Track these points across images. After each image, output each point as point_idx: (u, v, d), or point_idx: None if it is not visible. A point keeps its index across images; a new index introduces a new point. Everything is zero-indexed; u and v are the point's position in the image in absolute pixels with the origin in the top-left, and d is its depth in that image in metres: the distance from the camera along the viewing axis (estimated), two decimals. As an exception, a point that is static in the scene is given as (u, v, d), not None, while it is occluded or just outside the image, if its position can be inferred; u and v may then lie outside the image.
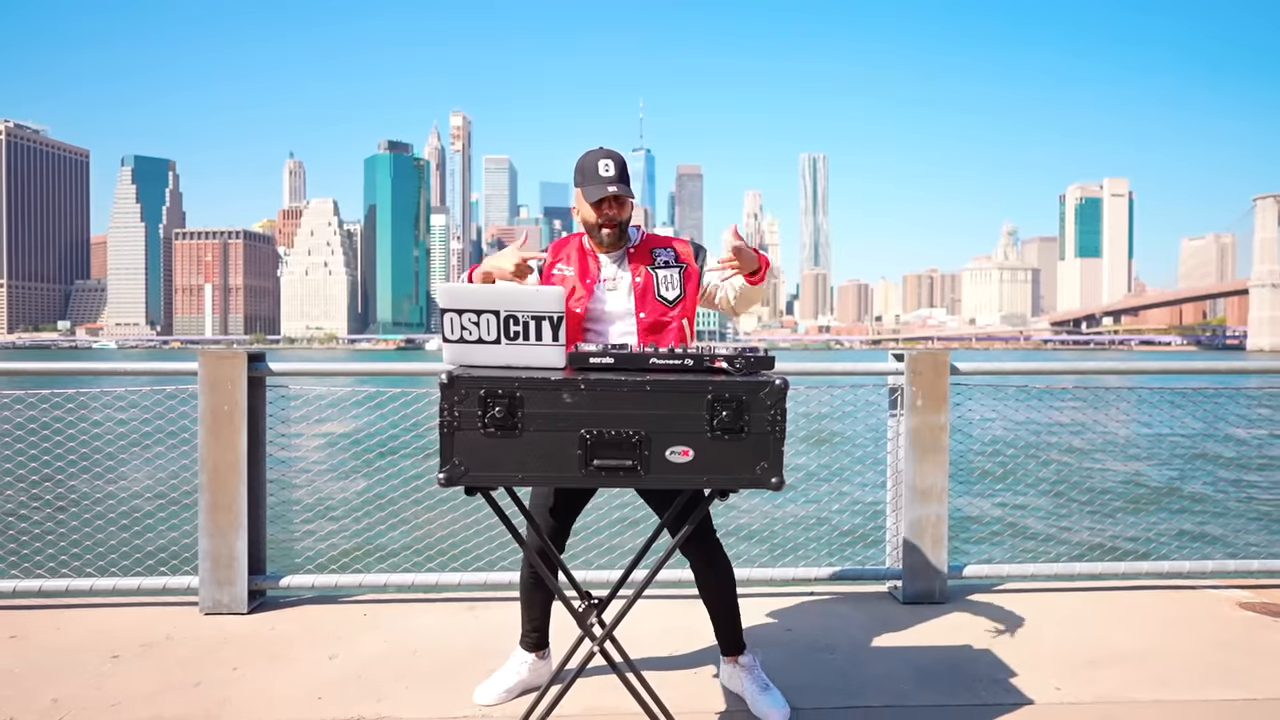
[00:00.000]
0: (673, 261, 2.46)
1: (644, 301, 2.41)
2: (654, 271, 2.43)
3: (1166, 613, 3.40)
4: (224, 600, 3.36)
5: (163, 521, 3.88)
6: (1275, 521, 7.20)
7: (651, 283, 2.42)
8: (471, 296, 1.93)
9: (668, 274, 2.44)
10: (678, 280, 2.44)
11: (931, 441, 3.52)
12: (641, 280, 2.42)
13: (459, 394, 1.80)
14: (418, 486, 3.70)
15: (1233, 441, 9.69)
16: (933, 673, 2.78)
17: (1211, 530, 6.42)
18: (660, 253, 2.47)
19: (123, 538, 3.71)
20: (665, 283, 2.43)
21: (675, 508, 2.14)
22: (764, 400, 1.83)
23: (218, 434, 3.36)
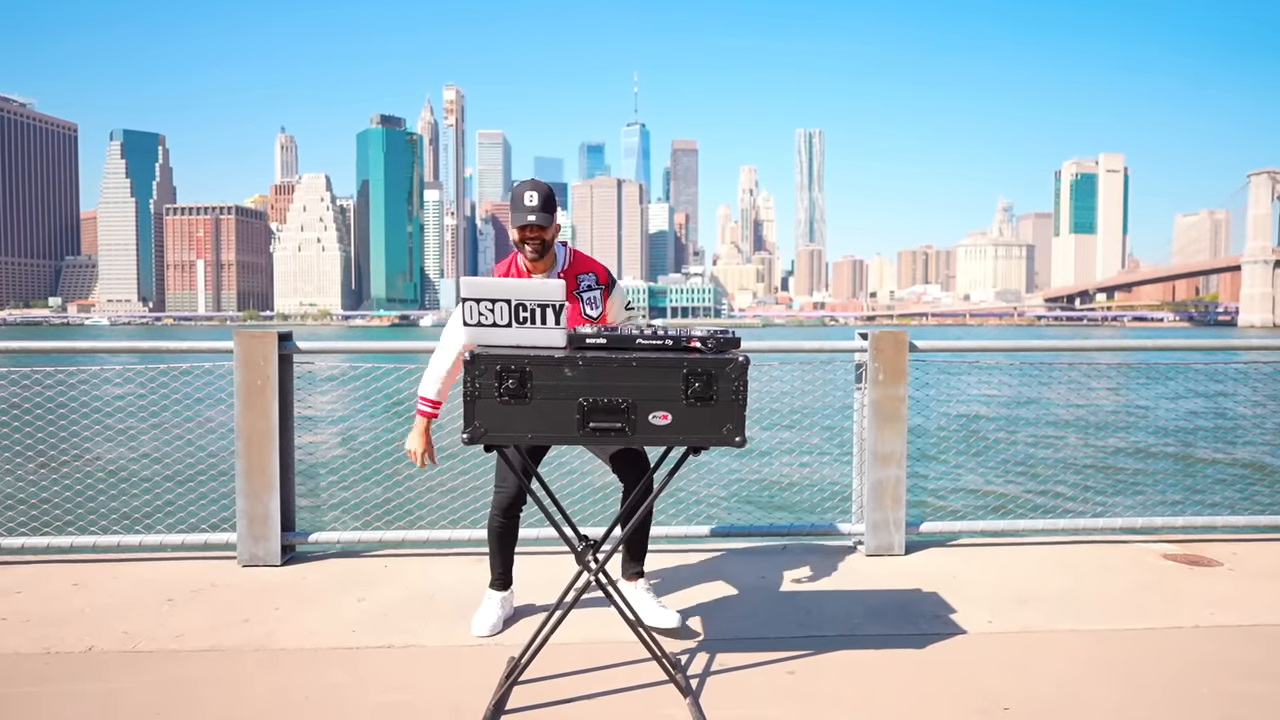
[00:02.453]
0: (594, 284, 2.92)
1: (575, 321, 2.83)
2: (579, 295, 2.89)
3: (1095, 562, 3.84)
4: (259, 554, 3.77)
5: (202, 484, 4.28)
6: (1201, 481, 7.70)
7: (578, 306, 2.88)
8: (488, 288, 2.32)
9: (591, 295, 2.91)
10: (599, 300, 2.92)
11: (891, 411, 3.93)
12: (570, 307, 2.84)
13: (479, 368, 2.19)
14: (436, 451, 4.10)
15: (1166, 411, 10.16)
16: (882, 611, 3.21)
17: (1152, 490, 6.90)
18: (584, 278, 2.91)
19: (168, 499, 4.11)
20: (589, 303, 2.90)
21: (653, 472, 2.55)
22: (729, 374, 2.23)
23: (252, 406, 3.75)
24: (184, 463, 4.14)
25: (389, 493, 4.06)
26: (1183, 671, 2.67)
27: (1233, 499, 6.13)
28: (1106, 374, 4.49)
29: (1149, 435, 10.88)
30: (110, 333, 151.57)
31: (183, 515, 4.14)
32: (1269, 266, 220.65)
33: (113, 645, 2.86)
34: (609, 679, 2.59)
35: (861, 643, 2.89)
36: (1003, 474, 5.21)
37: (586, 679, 2.59)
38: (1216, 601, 3.31)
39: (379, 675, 2.65)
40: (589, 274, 2.93)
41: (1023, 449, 7.33)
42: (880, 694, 2.52)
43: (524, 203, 2.77)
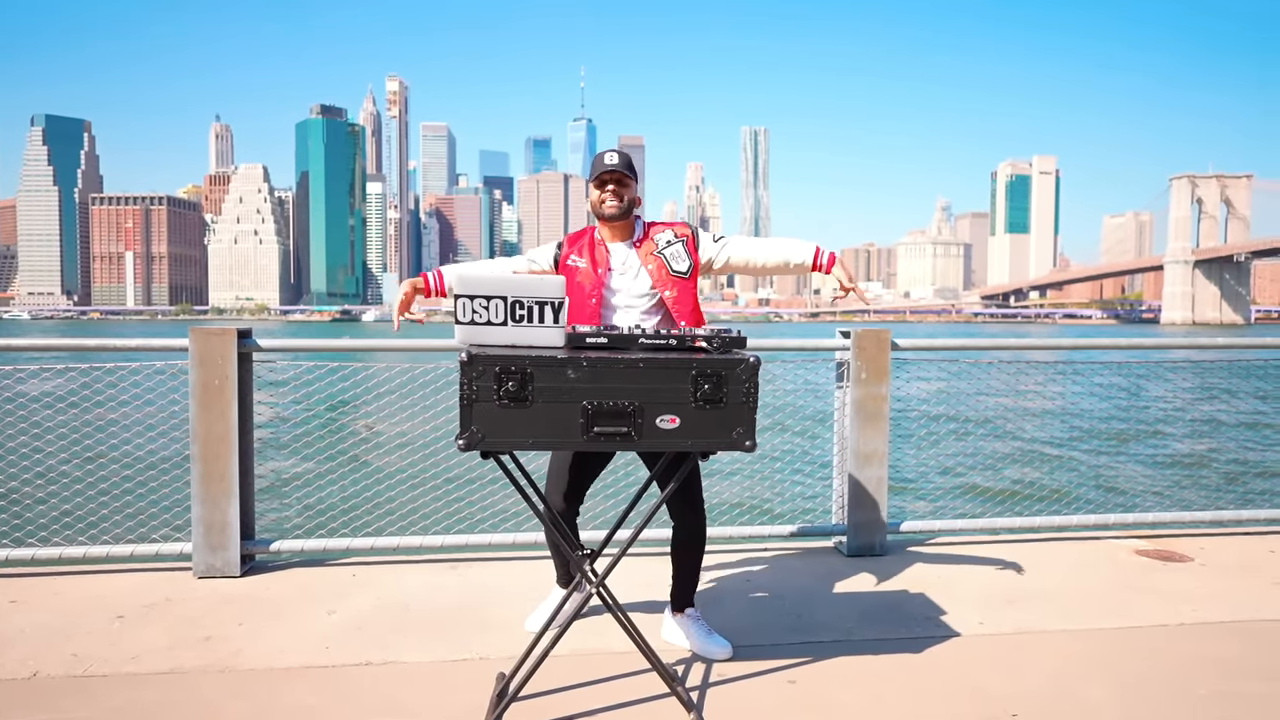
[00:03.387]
0: (673, 239, 2.79)
1: (663, 281, 2.73)
2: (661, 254, 2.76)
3: (1073, 560, 3.87)
4: (217, 564, 3.55)
5: (152, 491, 4.02)
6: (1169, 478, 7.95)
7: (664, 264, 2.75)
8: (483, 284, 2.18)
9: (673, 249, 2.77)
10: (684, 253, 2.77)
11: (874, 410, 3.89)
12: (654, 266, 2.74)
13: (477, 370, 2.05)
14: (404, 455, 3.92)
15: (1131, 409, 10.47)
16: (873, 613, 3.16)
17: (1117, 487, 7.07)
18: (660, 236, 2.79)
19: (114, 506, 3.85)
20: (674, 258, 2.76)
21: (660, 466, 2.43)
22: (740, 375, 2.14)
23: (209, 407, 3.52)
24: (132, 468, 3.87)
25: (355, 498, 3.87)
26: (1178, 671, 2.68)
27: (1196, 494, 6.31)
28: (1066, 371, 4.53)
29: (1111, 432, 11.15)
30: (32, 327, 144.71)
31: (131, 525, 3.88)
32: (1189, 266, 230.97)
33: (61, 670, 2.63)
34: (607, 694, 2.47)
35: (858, 648, 2.84)
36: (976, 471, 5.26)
37: (583, 695, 2.47)
38: (1195, 598, 3.35)
39: (360, 696, 2.48)
40: (665, 231, 2.80)
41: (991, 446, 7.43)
42: (885, 703, 2.46)
43: (604, 160, 2.70)
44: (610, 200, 2.70)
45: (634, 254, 2.75)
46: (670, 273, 2.73)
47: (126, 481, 3.93)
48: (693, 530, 2.77)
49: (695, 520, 2.75)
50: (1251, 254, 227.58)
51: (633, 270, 2.74)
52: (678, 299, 2.72)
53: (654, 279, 2.72)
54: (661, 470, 2.49)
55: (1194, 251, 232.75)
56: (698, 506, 2.75)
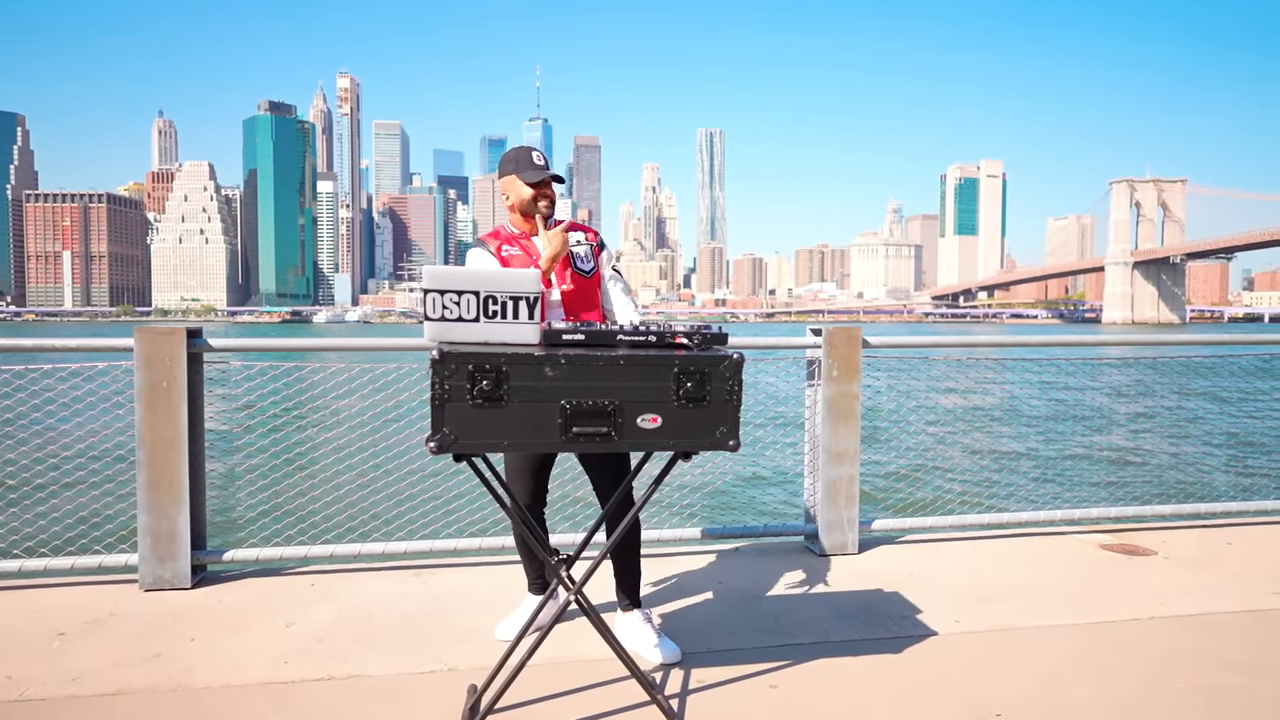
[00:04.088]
0: (584, 241, 2.82)
1: (563, 275, 2.73)
2: (571, 249, 2.77)
3: (1041, 555, 3.89)
4: (166, 576, 3.36)
5: (95, 500, 3.80)
6: (1130, 473, 8.13)
7: (569, 258, 2.76)
8: (454, 278, 2.08)
9: (582, 249, 2.80)
10: (589, 255, 2.81)
11: (845, 408, 3.87)
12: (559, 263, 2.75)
13: (449, 368, 1.95)
14: (363, 459, 3.78)
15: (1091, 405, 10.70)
16: (850, 613, 3.13)
17: (1079, 485, 7.20)
18: (573, 235, 2.81)
19: (54, 517, 3.63)
20: (581, 258, 2.78)
21: (635, 471, 2.36)
22: (724, 372, 2.07)
23: (156, 410, 3.34)
24: (74, 476, 3.66)
25: (314, 503, 3.71)
26: (1154, 666, 2.69)
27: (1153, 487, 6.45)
28: (1032, 369, 4.57)
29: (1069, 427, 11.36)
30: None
31: (72, 536, 3.66)
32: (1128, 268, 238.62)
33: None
34: (585, 704, 2.38)
35: (837, 649, 2.79)
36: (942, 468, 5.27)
37: (559, 705, 2.38)
38: (1163, 591, 3.38)
39: (322, 713, 2.35)
40: (579, 233, 2.84)
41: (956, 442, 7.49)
42: (870, 707, 2.41)
43: (534, 161, 2.73)
44: (545, 206, 2.75)
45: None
46: (574, 269, 2.75)
47: (67, 490, 3.71)
48: (634, 532, 2.78)
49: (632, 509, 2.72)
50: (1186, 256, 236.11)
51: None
52: (576, 294, 2.73)
53: (558, 271, 2.72)
54: (623, 477, 2.43)
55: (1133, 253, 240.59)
56: (630, 502, 2.74)
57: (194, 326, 3.44)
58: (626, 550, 2.80)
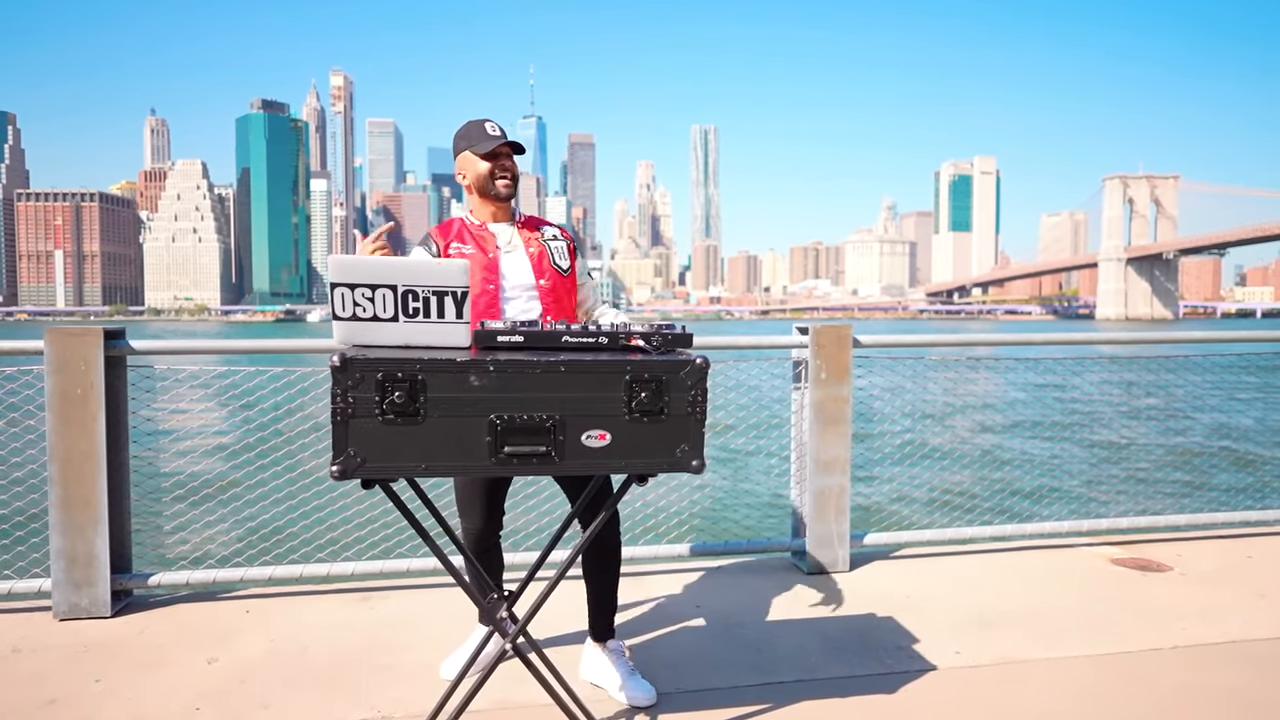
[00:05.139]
0: (558, 237, 2.50)
1: (542, 269, 2.41)
2: (546, 243, 2.45)
3: (1047, 571, 3.58)
4: (82, 604, 3.04)
5: (5, 520, 3.47)
6: (1139, 481, 7.80)
7: (546, 252, 2.43)
8: (366, 269, 1.76)
9: (558, 245, 2.47)
10: (566, 252, 2.48)
11: (835, 413, 3.55)
12: (536, 250, 2.43)
13: (353, 378, 1.63)
14: (305, 472, 3.45)
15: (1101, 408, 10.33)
16: (840, 643, 2.81)
17: (1085, 491, 6.88)
18: (547, 229, 2.51)
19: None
20: (558, 253, 2.46)
21: (588, 494, 2.04)
22: (684, 380, 1.75)
23: (69, 420, 3.01)
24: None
25: (252, 520, 3.38)
26: (1180, 706, 2.38)
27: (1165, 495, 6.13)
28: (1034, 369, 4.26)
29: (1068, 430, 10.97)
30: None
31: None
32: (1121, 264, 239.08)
33: None
34: (529, 763, 2.07)
35: (825, 689, 2.48)
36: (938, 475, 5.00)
37: (501, 764, 2.06)
38: (1182, 614, 3.08)
39: (226, 776, 2.03)
40: (551, 228, 2.52)
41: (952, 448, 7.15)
42: (858, 760, 2.10)
43: (487, 132, 2.39)
44: (504, 178, 2.40)
45: (518, 234, 2.44)
46: (551, 264, 2.42)
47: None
48: (609, 544, 2.42)
49: (611, 533, 2.41)
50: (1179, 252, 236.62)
51: (519, 251, 2.42)
52: (554, 292, 2.40)
53: (534, 265, 2.40)
54: (590, 497, 2.09)
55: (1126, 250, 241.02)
56: (614, 518, 2.43)
57: (114, 327, 3.11)
58: (603, 575, 2.45)
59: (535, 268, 2.39)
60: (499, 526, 2.49)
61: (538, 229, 2.48)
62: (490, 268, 2.36)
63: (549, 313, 2.38)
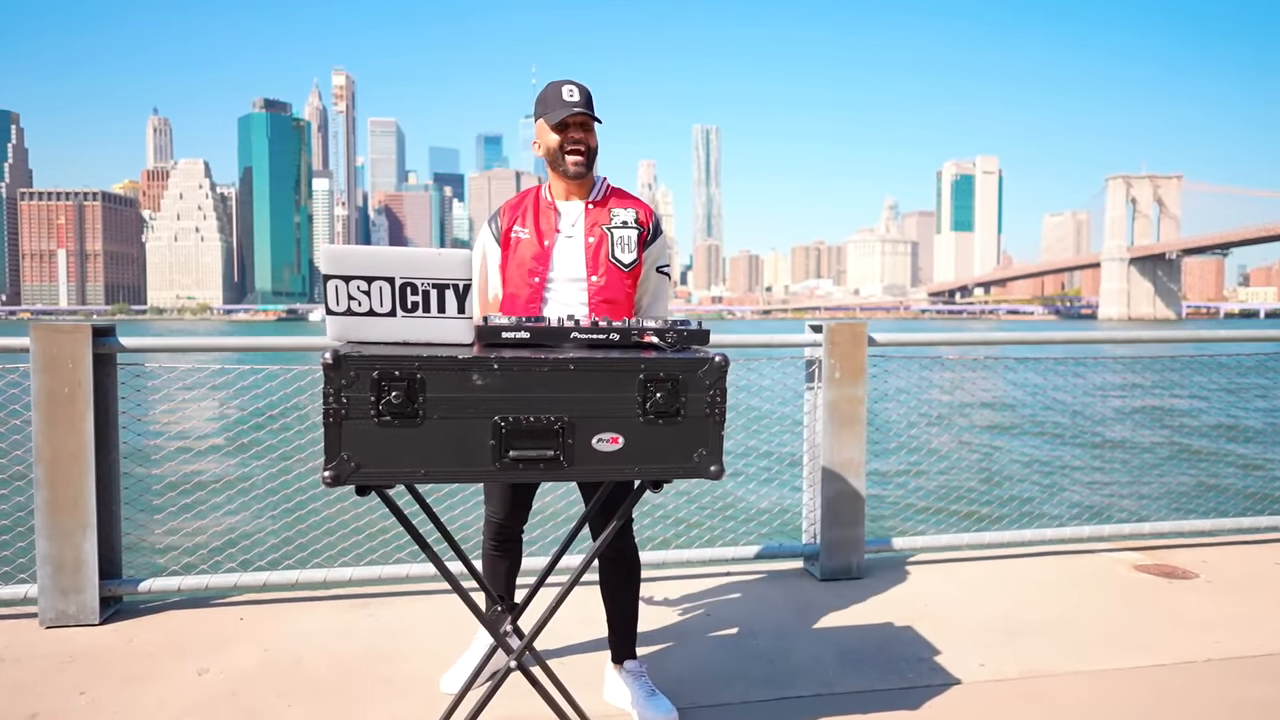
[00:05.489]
0: (631, 222, 2.21)
1: (596, 262, 2.17)
2: (609, 231, 2.18)
3: (1070, 578, 3.46)
4: (70, 611, 2.92)
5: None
6: (1161, 484, 7.61)
7: (605, 242, 2.17)
8: (361, 260, 1.64)
9: (625, 234, 2.19)
10: (634, 243, 2.19)
11: (849, 414, 3.43)
12: (595, 239, 2.17)
13: (347, 376, 1.51)
14: (300, 475, 3.34)
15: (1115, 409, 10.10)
16: (858, 655, 2.69)
17: (1103, 494, 6.73)
18: (619, 212, 2.21)
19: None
20: (621, 244, 2.18)
21: (598, 499, 1.92)
22: (702, 379, 1.63)
23: (56, 421, 2.89)
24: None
25: (247, 524, 3.27)
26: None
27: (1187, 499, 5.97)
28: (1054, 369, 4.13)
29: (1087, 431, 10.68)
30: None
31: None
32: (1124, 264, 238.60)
33: None
34: (535, 786, 1.95)
35: (844, 705, 2.36)
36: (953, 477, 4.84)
37: (504, 787, 1.95)
38: (1213, 624, 2.96)
39: (213, 798, 1.92)
40: (629, 209, 2.22)
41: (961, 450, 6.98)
42: (883, 783, 1.98)
43: (563, 97, 2.12)
44: (575, 153, 2.12)
45: (584, 217, 2.19)
46: (609, 256, 2.16)
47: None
48: (627, 556, 2.28)
49: (627, 543, 2.27)
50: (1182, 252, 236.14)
51: (578, 239, 2.18)
52: (608, 290, 2.16)
53: (588, 257, 2.16)
54: (601, 502, 1.97)
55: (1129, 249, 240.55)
56: (626, 530, 2.27)
57: (104, 324, 2.99)
58: (622, 591, 2.31)
59: (589, 260, 2.14)
60: (524, 519, 2.33)
61: (610, 211, 2.19)
62: (540, 258, 2.15)
63: (598, 313, 2.14)
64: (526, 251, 2.16)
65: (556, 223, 2.18)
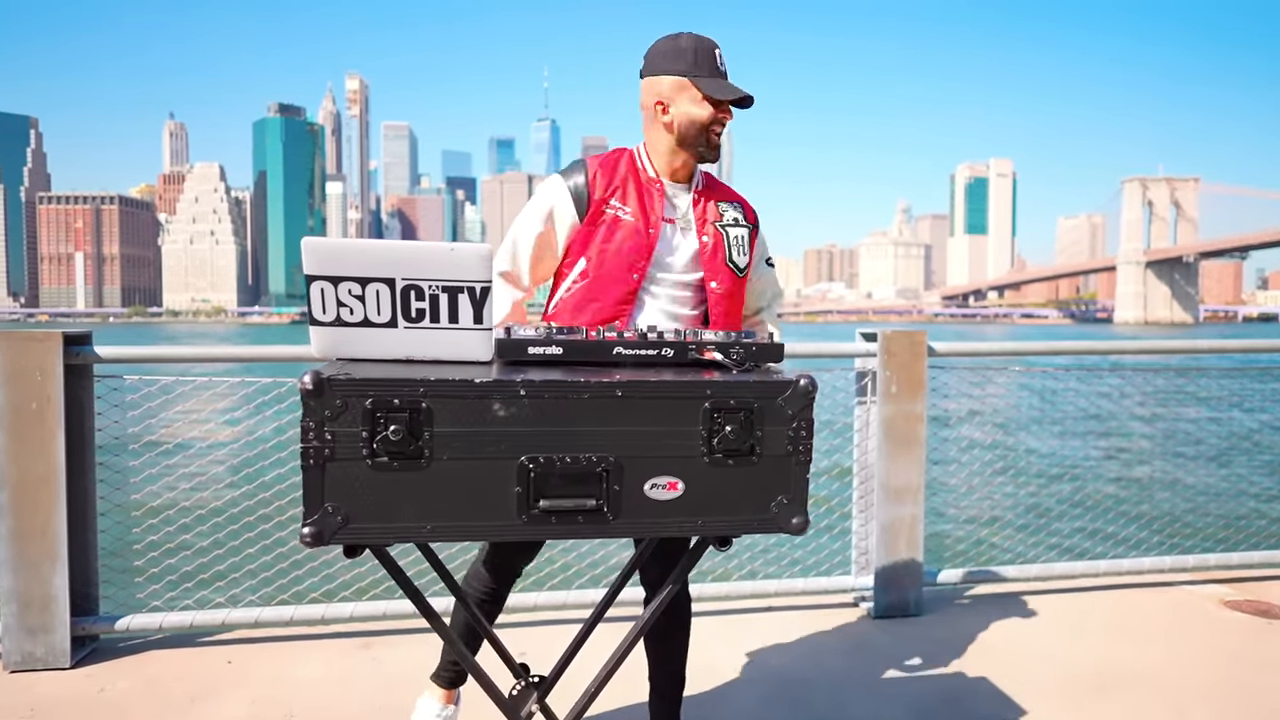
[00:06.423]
0: (742, 220, 1.84)
1: (714, 266, 1.78)
2: (724, 230, 1.80)
3: (1155, 617, 3.09)
4: (37, 653, 2.61)
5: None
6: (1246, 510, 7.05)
7: (723, 242, 1.79)
8: (354, 256, 1.30)
9: (739, 234, 1.82)
10: (747, 244, 1.83)
11: (907, 433, 3.08)
12: (710, 239, 1.79)
13: (332, 405, 1.17)
14: (297, 500, 3.01)
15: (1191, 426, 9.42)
16: (929, 711, 2.34)
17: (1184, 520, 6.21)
18: (728, 207, 1.83)
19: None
20: (737, 246, 1.81)
21: (645, 550, 1.58)
22: (783, 409, 1.29)
23: (23, 439, 2.58)
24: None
25: (236, 555, 2.95)
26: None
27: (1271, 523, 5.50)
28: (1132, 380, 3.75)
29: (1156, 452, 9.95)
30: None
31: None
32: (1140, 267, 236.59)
33: None
34: None
35: (925, 782, 2.00)
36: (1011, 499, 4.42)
37: None
38: (1334, 677, 2.58)
39: None
40: (734, 203, 1.85)
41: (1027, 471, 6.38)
42: None
43: (718, 64, 1.72)
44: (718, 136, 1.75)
45: (693, 209, 1.81)
46: (727, 261, 1.79)
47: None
48: (679, 603, 1.90)
49: (682, 598, 1.90)
50: (1200, 255, 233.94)
51: (691, 234, 1.80)
52: (726, 300, 1.79)
53: (704, 260, 1.78)
54: (649, 555, 1.63)
55: (1145, 252, 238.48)
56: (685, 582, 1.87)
57: (78, 332, 2.68)
58: (671, 644, 1.92)
59: (707, 263, 1.78)
60: (518, 574, 1.94)
61: (718, 206, 1.82)
62: (641, 250, 1.73)
63: (717, 325, 1.79)
64: (628, 238, 1.73)
65: (664, 209, 1.78)
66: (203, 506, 2.99)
